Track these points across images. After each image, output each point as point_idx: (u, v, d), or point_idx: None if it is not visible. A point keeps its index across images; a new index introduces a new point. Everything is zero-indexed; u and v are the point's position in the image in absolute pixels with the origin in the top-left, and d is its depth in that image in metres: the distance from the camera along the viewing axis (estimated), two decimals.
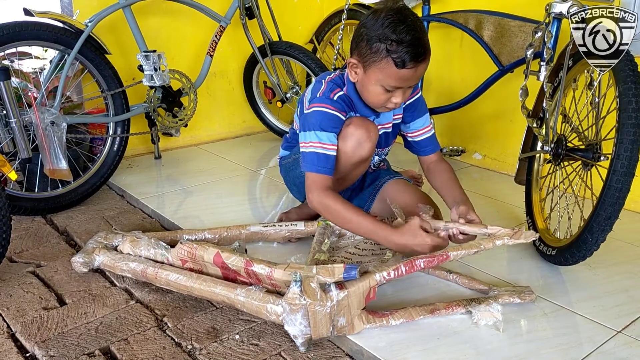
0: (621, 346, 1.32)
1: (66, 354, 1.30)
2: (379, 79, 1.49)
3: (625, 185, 1.39)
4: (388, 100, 1.54)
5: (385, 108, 1.58)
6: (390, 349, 1.29)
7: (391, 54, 1.43)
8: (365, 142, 1.59)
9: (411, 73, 1.46)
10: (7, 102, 1.80)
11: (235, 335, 1.38)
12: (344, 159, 1.60)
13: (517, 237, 1.42)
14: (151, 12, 2.53)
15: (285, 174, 1.89)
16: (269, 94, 2.81)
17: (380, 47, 1.44)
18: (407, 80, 1.48)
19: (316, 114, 1.57)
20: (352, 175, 1.71)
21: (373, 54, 1.46)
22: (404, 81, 1.48)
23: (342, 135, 1.59)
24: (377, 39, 1.44)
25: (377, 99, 1.54)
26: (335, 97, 1.59)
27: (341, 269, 1.28)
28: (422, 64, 1.47)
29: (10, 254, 1.75)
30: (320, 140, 1.56)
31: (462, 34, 2.43)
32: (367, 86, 1.54)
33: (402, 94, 1.52)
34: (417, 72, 1.48)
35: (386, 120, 1.72)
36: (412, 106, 1.72)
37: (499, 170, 2.50)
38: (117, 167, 2.23)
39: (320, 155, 1.56)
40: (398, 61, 1.43)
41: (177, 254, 1.50)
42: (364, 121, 1.60)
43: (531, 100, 1.81)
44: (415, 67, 1.45)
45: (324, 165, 1.56)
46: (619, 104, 1.43)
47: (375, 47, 1.45)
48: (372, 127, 1.61)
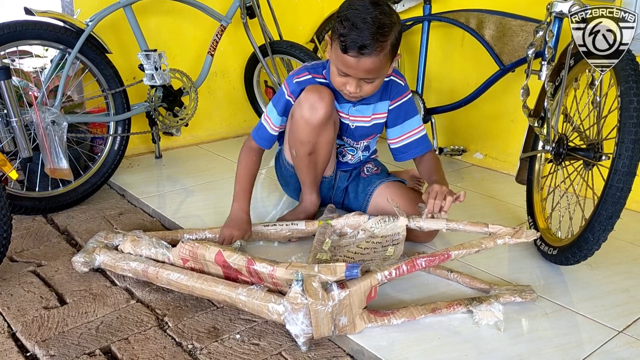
0: (622, 346, 1.32)
1: (67, 353, 1.30)
2: (333, 59, 1.57)
3: (627, 185, 1.39)
4: (343, 86, 1.59)
5: (346, 95, 1.63)
6: (391, 349, 1.29)
7: (340, 36, 1.49)
8: (318, 103, 1.64)
9: (354, 62, 1.50)
10: (8, 101, 1.80)
11: (236, 334, 1.38)
12: (303, 125, 1.66)
13: (518, 236, 1.42)
14: (152, 12, 2.53)
15: (278, 169, 1.94)
16: (270, 93, 2.81)
17: (339, 28, 1.50)
18: (350, 67, 1.52)
19: (278, 91, 1.75)
20: (321, 147, 1.73)
21: (334, 33, 1.54)
22: (347, 68, 1.53)
23: (297, 104, 1.68)
24: (340, 18, 1.51)
25: (334, 79, 1.61)
26: (296, 80, 1.70)
27: (343, 267, 1.28)
28: (365, 57, 1.49)
29: (11, 253, 1.75)
30: (269, 114, 1.76)
31: (463, 33, 2.43)
32: (331, 64, 1.61)
33: (354, 84, 1.56)
34: (360, 64, 1.50)
35: (365, 113, 1.75)
36: (403, 106, 1.75)
37: (500, 169, 2.50)
38: (117, 166, 2.23)
39: (262, 127, 1.78)
40: (342, 44, 1.49)
41: (178, 253, 1.50)
42: (316, 87, 1.67)
43: (532, 100, 1.80)
44: (357, 58, 1.49)
45: (262, 135, 1.78)
46: (621, 103, 1.42)
47: (336, 26, 1.52)
48: (325, 90, 1.66)
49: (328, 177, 1.87)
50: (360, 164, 1.91)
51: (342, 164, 1.88)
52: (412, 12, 2.58)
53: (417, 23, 2.46)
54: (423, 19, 2.41)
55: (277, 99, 1.74)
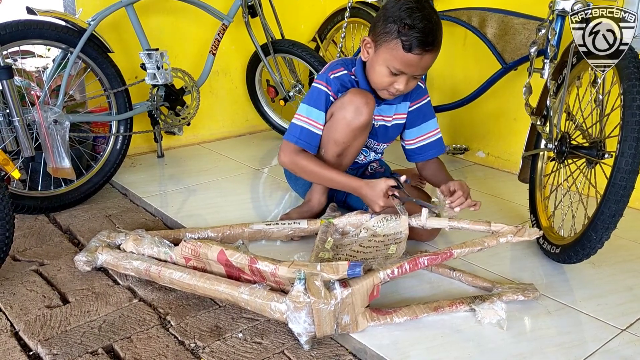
0: (625, 344, 1.31)
1: (69, 352, 1.30)
2: (386, 59, 1.56)
3: (630, 183, 1.38)
4: (391, 85, 1.60)
5: (387, 92, 1.64)
6: (394, 347, 1.29)
7: (401, 36, 1.51)
8: (364, 107, 1.64)
9: (416, 60, 1.53)
10: (10, 101, 1.80)
11: (239, 333, 1.38)
12: (344, 126, 1.66)
13: (520, 234, 1.42)
14: (154, 11, 2.53)
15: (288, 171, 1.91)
16: (272, 92, 2.81)
17: (393, 27, 1.52)
18: (411, 66, 1.55)
19: (312, 90, 1.70)
20: (351, 150, 1.74)
21: (385, 34, 1.54)
22: (408, 66, 1.55)
23: (340, 104, 1.66)
24: (392, 20, 1.53)
25: (381, 79, 1.61)
26: (333, 75, 1.69)
27: (345, 266, 1.28)
28: (428, 53, 1.53)
29: (14, 252, 1.75)
30: (309, 116, 1.69)
31: (465, 31, 2.43)
32: (375, 65, 1.61)
33: (405, 82, 1.59)
34: (423, 61, 1.54)
35: (387, 113, 1.76)
36: (422, 108, 1.78)
37: (503, 168, 2.50)
38: (120, 165, 2.23)
39: (305, 130, 1.70)
40: (406, 44, 1.51)
41: (180, 251, 1.50)
42: (361, 91, 1.67)
43: (535, 98, 1.80)
44: (421, 55, 1.52)
45: (305, 139, 1.70)
46: (623, 101, 1.42)
47: (389, 27, 1.53)
48: (369, 95, 1.67)
49: None
50: (366, 163, 1.91)
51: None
52: None
53: None
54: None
55: (316, 98, 1.69)
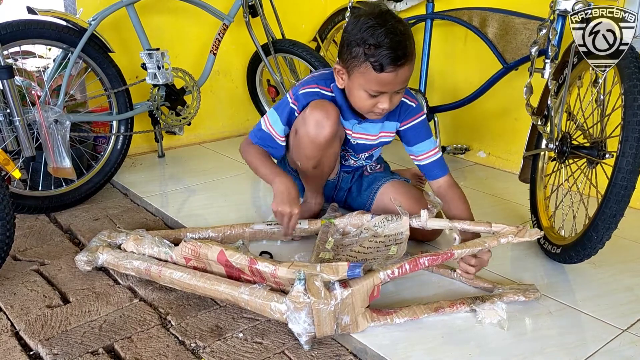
0: (626, 345, 1.31)
1: (70, 352, 1.30)
2: (361, 84, 1.48)
3: (631, 183, 1.38)
4: (374, 106, 1.52)
5: (374, 114, 1.57)
6: (394, 347, 1.29)
7: (369, 58, 1.42)
8: (325, 120, 1.59)
9: (392, 77, 1.44)
10: (11, 101, 1.80)
11: (239, 333, 1.38)
12: (308, 142, 1.63)
13: (521, 235, 1.42)
14: (154, 10, 2.53)
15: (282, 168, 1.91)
16: (273, 92, 2.81)
17: (359, 51, 1.43)
18: (388, 84, 1.46)
19: (283, 99, 1.71)
20: (326, 160, 1.71)
21: (353, 59, 1.46)
22: (385, 85, 1.46)
23: (302, 119, 1.63)
24: (356, 43, 1.44)
25: (363, 103, 1.54)
26: (303, 91, 1.63)
27: (345, 267, 1.28)
28: (402, 67, 1.44)
29: (14, 252, 1.75)
30: (273, 125, 1.68)
31: (466, 31, 2.42)
32: (352, 91, 1.53)
33: (388, 100, 1.50)
34: (399, 76, 1.45)
35: (370, 132, 1.70)
36: (413, 129, 1.69)
37: (504, 168, 2.49)
38: (120, 165, 2.23)
39: (267, 134, 1.70)
40: (376, 65, 1.42)
41: (180, 252, 1.50)
42: (322, 103, 1.61)
43: (536, 98, 1.80)
44: (395, 71, 1.43)
45: (269, 144, 1.70)
46: (624, 101, 1.42)
47: (354, 51, 1.44)
48: (331, 107, 1.61)
49: (332, 180, 1.87)
50: (361, 165, 1.90)
51: (344, 166, 1.87)
52: (414, 10, 2.58)
53: (420, 21, 2.45)
54: (426, 17, 2.41)
55: (282, 108, 1.67)
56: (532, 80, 1.74)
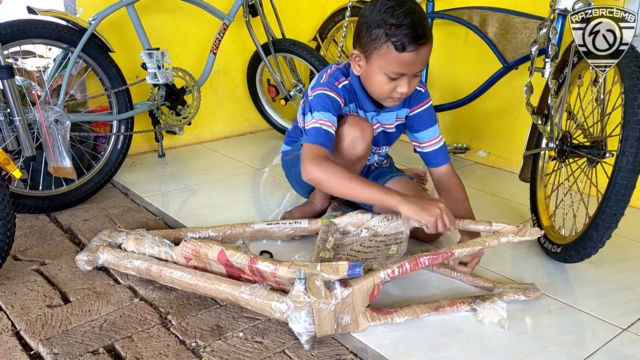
0: (627, 344, 1.31)
1: (70, 351, 1.30)
2: (382, 66, 1.48)
3: (631, 182, 1.38)
4: (393, 90, 1.52)
5: (392, 100, 1.56)
6: (395, 347, 1.29)
7: (390, 38, 1.42)
8: (359, 141, 1.59)
9: (413, 57, 1.45)
10: (11, 101, 1.80)
11: (240, 332, 1.38)
12: (339, 157, 1.60)
13: (521, 234, 1.42)
14: (154, 10, 2.53)
15: (287, 170, 1.90)
16: (273, 91, 2.81)
17: (380, 32, 1.44)
18: (409, 65, 1.46)
19: (319, 97, 1.57)
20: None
21: (373, 41, 1.46)
22: (406, 66, 1.46)
23: (338, 133, 1.59)
24: (376, 24, 1.44)
25: (382, 89, 1.53)
26: (340, 85, 1.60)
27: (345, 266, 1.28)
28: (423, 47, 1.45)
29: (15, 252, 1.75)
30: (322, 117, 1.55)
31: (466, 30, 2.42)
32: (371, 76, 1.52)
33: (407, 83, 1.50)
34: (419, 56, 1.46)
35: (388, 120, 1.71)
36: (421, 115, 1.69)
37: (504, 167, 2.49)
38: (121, 165, 2.23)
39: (321, 130, 1.54)
40: (398, 44, 1.42)
41: (181, 251, 1.50)
42: (358, 120, 1.60)
43: (536, 97, 1.80)
44: (416, 51, 1.44)
45: (323, 139, 1.54)
46: (625, 100, 1.42)
47: (374, 33, 1.45)
48: (367, 126, 1.61)
49: None
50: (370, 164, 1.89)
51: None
52: None
53: None
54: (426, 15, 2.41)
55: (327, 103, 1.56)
56: (532, 80, 1.74)
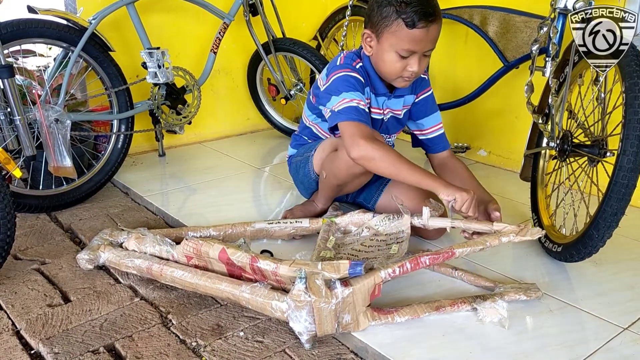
0: (628, 343, 1.31)
1: (71, 351, 1.30)
2: (392, 44, 1.51)
3: (632, 181, 1.38)
4: (404, 69, 1.55)
5: (402, 80, 1.58)
6: (396, 346, 1.29)
7: (401, 15, 1.47)
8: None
9: (423, 34, 1.48)
10: (12, 100, 1.80)
11: (240, 332, 1.38)
12: (344, 167, 1.63)
13: (523, 234, 1.42)
14: (155, 9, 2.53)
15: (295, 172, 1.89)
16: (273, 91, 2.81)
17: (390, 10, 1.48)
18: (420, 42, 1.50)
19: (343, 78, 1.58)
20: (352, 186, 1.73)
21: (384, 19, 1.50)
22: (417, 43, 1.50)
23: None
24: (387, 2, 1.49)
25: (393, 67, 1.55)
26: (357, 65, 1.63)
27: (346, 265, 1.28)
28: (433, 24, 1.49)
29: (15, 251, 1.76)
30: (354, 97, 1.56)
31: (466, 29, 2.42)
32: (382, 55, 1.55)
33: (417, 61, 1.53)
34: (430, 33, 1.49)
35: (396, 106, 1.73)
36: (424, 102, 1.73)
37: (504, 166, 2.49)
38: (121, 164, 2.23)
39: (358, 108, 1.55)
40: (408, 21, 1.46)
41: (182, 250, 1.50)
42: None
43: (536, 96, 1.80)
44: (426, 27, 1.48)
45: (364, 117, 1.55)
46: (625, 99, 1.42)
47: (385, 11, 1.49)
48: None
49: None
50: None
51: None
52: None
53: None
54: None
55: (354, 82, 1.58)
56: (533, 79, 1.74)
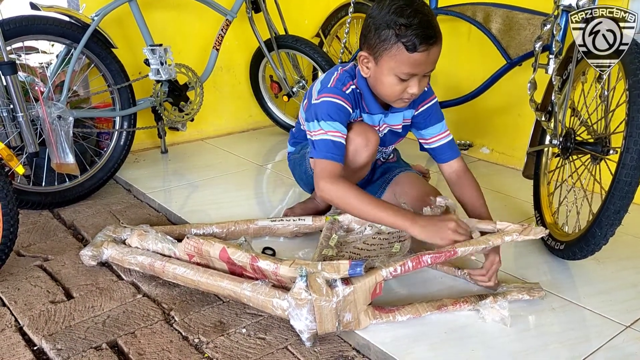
0: (630, 341, 1.31)
1: (73, 347, 1.31)
2: (392, 67, 1.45)
3: (635, 179, 1.38)
4: (404, 91, 1.49)
5: (402, 101, 1.54)
6: (398, 343, 1.29)
7: (401, 39, 1.40)
8: (363, 149, 1.57)
9: (424, 57, 1.43)
10: (15, 97, 1.81)
11: (242, 329, 1.38)
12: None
13: (526, 233, 1.41)
14: (157, 6, 2.53)
15: (293, 168, 1.89)
16: (276, 88, 2.81)
17: (389, 33, 1.41)
18: (420, 65, 1.44)
19: (326, 104, 1.53)
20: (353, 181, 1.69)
21: (383, 42, 1.43)
22: (417, 67, 1.44)
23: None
24: (386, 25, 1.41)
25: (392, 90, 1.50)
26: (347, 90, 1.56)
27: (346, 265, 1.27)
28: (434, 47, 1.43)
29: (18, 247, 1.76)
30: (332, 128, 1.52)
31: (469, 26, 2.41)
32: (381, 78, 1.50)
33: (417, 83, 1.48)
34: (430, 56, 1.44)
35: (395, 122, 1.68)
36: (427, 112, 1.67)
37: (507, 164, 2.49)
38: (123, 161, 2.23)
39: (329, 142, 1.51)
40: (409, 45, 1.40)
41: (184, 248, 1.50)
42: (364, 128, 1.58)
43: (539, 94, 1.79)
44: (427, 50, 1.42)
45: (334, 152, 1.51)
46: (629, 96, 1.41)
47: (384, 34, 1.42)
48: (372, 134, 1.59)
49: None
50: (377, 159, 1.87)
51: None
52: None
53: None
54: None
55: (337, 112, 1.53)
56: (536, 76, 1.73)
